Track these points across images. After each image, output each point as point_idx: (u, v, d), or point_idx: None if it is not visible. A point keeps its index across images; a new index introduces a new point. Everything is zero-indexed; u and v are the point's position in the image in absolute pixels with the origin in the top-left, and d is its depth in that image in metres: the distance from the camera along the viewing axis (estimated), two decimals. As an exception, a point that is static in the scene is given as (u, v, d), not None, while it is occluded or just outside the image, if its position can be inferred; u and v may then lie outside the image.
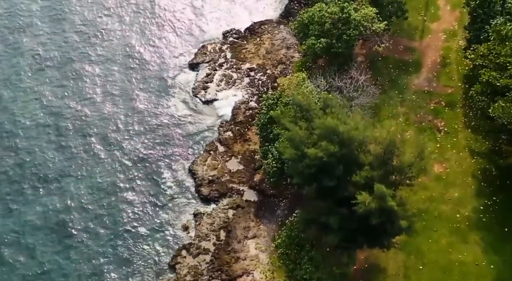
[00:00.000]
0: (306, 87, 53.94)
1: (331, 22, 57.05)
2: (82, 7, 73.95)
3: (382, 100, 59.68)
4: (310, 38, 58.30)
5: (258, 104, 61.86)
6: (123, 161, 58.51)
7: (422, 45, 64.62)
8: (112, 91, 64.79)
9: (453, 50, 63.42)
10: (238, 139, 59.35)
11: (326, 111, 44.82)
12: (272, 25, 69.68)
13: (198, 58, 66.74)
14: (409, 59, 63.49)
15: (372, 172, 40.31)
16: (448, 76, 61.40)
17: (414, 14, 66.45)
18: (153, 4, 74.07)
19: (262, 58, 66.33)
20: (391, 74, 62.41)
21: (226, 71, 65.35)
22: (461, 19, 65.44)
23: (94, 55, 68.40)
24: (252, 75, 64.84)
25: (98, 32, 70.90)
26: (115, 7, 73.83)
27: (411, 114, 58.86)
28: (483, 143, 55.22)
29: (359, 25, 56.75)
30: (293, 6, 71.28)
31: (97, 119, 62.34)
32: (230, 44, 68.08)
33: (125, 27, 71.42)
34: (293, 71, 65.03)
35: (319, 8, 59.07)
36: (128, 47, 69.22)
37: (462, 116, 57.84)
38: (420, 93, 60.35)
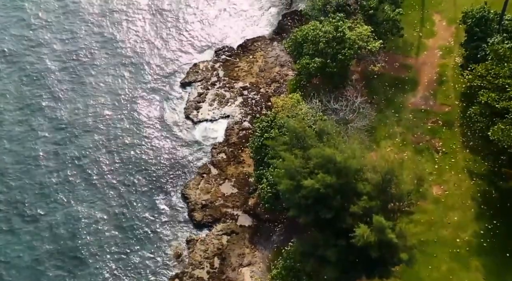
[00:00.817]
0: (300, 109, 52.69)
1: (325, 41, 55.90)
2: (62, 33, 71.63)
3: (379, 120, 58.47)
4: (304, 57, 57.06)
5: (252, 124, 60.50)
6: (113, 185, 56.87)
7: (418, 62, 63.50)
8: (100, 113, 63.03)
9: (449, 67, 62.31)
10: (231, 161, 57.91)
11: (322, 137, 43.63)
12: (265, 42, 68.37)
13: (190, 77, 65.32)
14: (405, 77, 62.37)
15: (371, 202, 39.00)
16: (445, 94, 60.28)
17: (409, 30, 65.34)
18: (143, 23, 72.43)
19: (255, 76, 65.00)
20: (387, 92, 61.24)
21: (219, 90, 63.97)
22: (457, 35, 64.43)
23: (81, 75, 66.73)
24: (245, 94, 63.48)
25: (85, 52, 69.18)
26: (104, 25, 72.11)
27: (408, 134, 57.67)
28: (482, 164, 54.03)
29: (354, 44, 55.57)
30: (286, 22, 70.04)
31: (85, 143, 60.51)
32: (223, 62, 66.71)
33: (115, 45, 69.90)
34: (287, 90, 63.85)
35: (313, 27, 57.87)
36: (117, 66, 67.55)
37: (460, 135, 56.68)
38: (416, 112, 59.19)
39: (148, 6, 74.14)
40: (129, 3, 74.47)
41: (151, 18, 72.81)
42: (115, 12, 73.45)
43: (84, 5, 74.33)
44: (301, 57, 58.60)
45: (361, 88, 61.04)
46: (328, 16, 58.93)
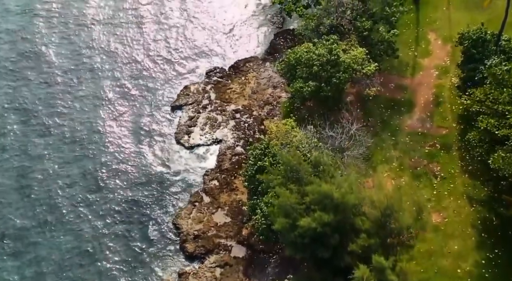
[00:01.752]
0: (295, 136, 51.14)
1: (319, 64, 54.44)
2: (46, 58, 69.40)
3: (375, 144, 56.86)
4: (298, 81, 55.56)
5: (245, 149, 58.85)
6: (101, 215, 54.89)
7: (414, 82, 62.11)
8: (84, 140, 60.95)
9: (446, 88, 60.95)
10: (224, 189, 56.14)
11: (318, 168, 42.10)
12: (257, 63, 66.78)
13: (180, 100, 63.56)
14: (401, 98, 60.94)
15: (370, 240, 37.50)
16: (442, 116, 58.87)
17: (404, 49, 63.93)
18: (132, 42, 70.41)
19: (247, 99, 63.39)
20: (383, 114, 59.77)
21: (211, 114, 62.27)
22: (453, 54, 63.12)
23: (68, 98, 64.91)
24: (238, 117, 61.80)
25: (73, 75, 67.19)
26: (93, 48, 70.18)
27: (405, 158, 56.19)
28: (482, 190, 52.53)
29: (349, 67, 54.16)
30: (279, 42, 68.46)
31: (70, 171, 58.37)
32: (214, 83, 65.06)
33: (102, 67, 67.93)
34: (280, 112, 62.27)
35: (307, 49, 56.39)
36: (104, 89, 65.49)
37: (458, 159, 55.21)
38: (413, 135, 57.72)
39: (136, 27, 72.13)
40: (116, 24, 72.46)
41: (138, 40, 70.72)
42: (103, 35, 71.36)
43: (72, 29, 72.61)
44: (294, 79, 57.13)
45: (356, 111, 59.67)
46: (322, 38, 57.59)
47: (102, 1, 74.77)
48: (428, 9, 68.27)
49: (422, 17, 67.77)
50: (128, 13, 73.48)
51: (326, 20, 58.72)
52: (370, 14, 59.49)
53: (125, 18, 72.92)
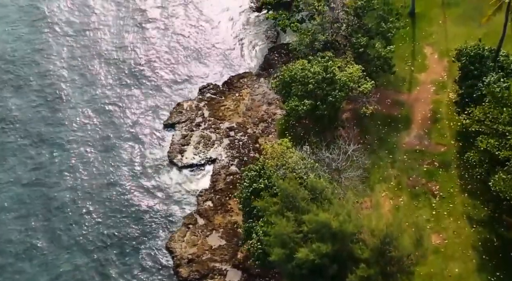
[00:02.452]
0: (290, 157, 49.92)
1: (314, 82, 53.32)
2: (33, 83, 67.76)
3: (372, 162, 55.77)
4: (293, 99, 54.41)
5: (240, 168, 57.60)
6: (91, 241, 53.15)
7: (411, 98, 61.08)
8: (75, 161, 59.31)
9: (443, 103, 59.94)
10: (219, 210, 54.79)
11: (316, 194, 40.89)
12: (251, 78, 65.58)
13: (173, 118, 62.21)
14: (398, 114, 59.87)
15: (369, 270, 36.25)
16: (440, 133, 57.82)
17: (400, 64, 62.95)
18: (123, 59, 68.90)
19: (242, 116, 62.13)
20: (380, 131, 58.63)
21: (204, 132, 60.96)
22: (450, 68, 62.17)
23: (55, 121, 63.16)
24: (232, 135, 60.52)
25: (61, 93, 65.71)
26: (81, 65, 68.82)
27: (403, 176, 55.01)
28: (482, 209, 51.40)
29: (345, 86, 53.06)
30: (273, 57, 67.32)
31: (61, 193, 56.66)
32: (208, 100, 63.76)
33: (92, 82, 66.52)
34: (275, 130, 61.05)
35: (301, 66, 55.26)
36: (94, 108, 63.96)
37: (458, 178, 54.11)
38: (411, 153, 56.62)
39: (128, 44, 70.71)
40: (109, 38, 71.38)
41: (129, 57, 69.22)
42: (93, 51, 69.97)
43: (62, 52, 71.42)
44: (289, 97, 56.03)
45: (352, 128, 58.66)
46: (317, 55, 56.52)
47: (92, 19, 73.60)
48: (424, 22, 67.46)
49: (418, 30, 66.94)
50: (120, 30, 72.09)
51: (321, 36, 57.64)
52: (365, 29, 58.52)
53: (117, 36, 71.49)
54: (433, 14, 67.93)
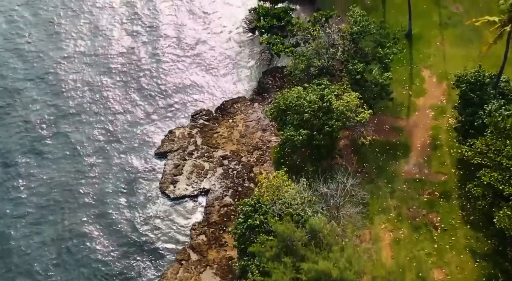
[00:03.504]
0: (287, 191, 48.10)
1: (310, 111, 51.62)
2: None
3: (371, 192, 53.98)
4: (288, 128, 52.66)
5: (234, 199, 55.70)
6: (83, 277, 51.44)
7: (409, 124, 59.43)
8: (64, 192, 57.18)
9: (443, 129, 58.30)
10: (213, 244, 52.78)
11: (315, 237, 39.08)
12: (245, 104, 63.72)
13: (165, 146, 60.21)
14: (397, 141, 58.20)
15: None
16: (440, 160, 56.17)
17: (398, 88, 61.39)
18: (112, 85, 66.57)
19: (236, 143, 60.26)
20: (378, 159, 56.94)
21: (197, 161, 59.00)
22: (449, 92, 60.61)
23: (42, 150, 60.89)
24: (226, 164, 58.59)
25: (47, 119, 63.53)
26: (74, 91, 66.45)
27: (403, 207, 53.28)
28: (485, 242, 49.69)
29: (342, 115, 51.37)
30: (267, 81, 65.45)
31: (45, 232, 54.35)
32: (200, 127, 61.81)
33: (81, 108, 64.28)
34: (270, 158, 59.23)
35: (297, 94, 53.57)
36: (82, 136, 61.73)
37: (459, 209, 52.44)
38: (411, 182, 54.92)
39: (118, 66, 68.52)
40: (96, 63, 69.09)
41: (119, 82, 66.86)
42: (81, 76, 67.68)
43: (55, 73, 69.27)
44: (284, 125, 54.30)
45: (350, 155, 57.06)
46: (313, 82, 54.86)
47: (81, 43, 71.53)
48: (422, 44, 65.92)
49: (416, 52, 65.42)
50: (108, 55, 69.83)
51: (317, 61, 55.95)
52: (362, 54, 56.91)
53: (104, 61, 69.24)
54: (430, 35, 66.43)
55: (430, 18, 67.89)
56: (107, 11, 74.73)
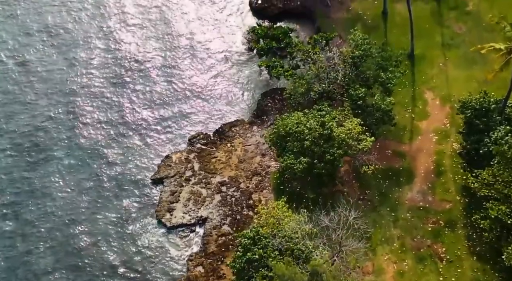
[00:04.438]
0: (287, 223, 46.42)
1: (311, 139, 50.07)
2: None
3: (373, 220, 52.48)
4: (288, 156, 51.05)
5: (232, 228, 54.06)
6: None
7: (412, 148, 57.82)
8: (56, 216, 55.82)
9: (447, 154, 56.68)
10: (210, 276, 51.08)
11: (316, 276, 37.48)
12: (243, 127, 62.10)
13: (161, 172, 58.54)
14: (400, 167, 56.59)
15: None
16: (444, 187, 54.55)
17: (400, 111, 59.80)
18: (109, 106, 64.96)
19: (234, 169, 58.62)
20: (381, 186, 55.33)
21: (194, 187, 57.35)
22: (453, 116, 58.95)
23: (36, 175, 59.26)
24: (224, 191, 56.97)
25: (43, 151, 61.42)
26: (69, 114, 64.76)
27: (407, 237, 51.66)
28: (493, 275, 48.01)
29: (343, 142, 49.79)
30: (267, 103, 63.77)
31: (39, 261, 53.08)
32: (198, 152, 60.19)
33: (76, 134, 62.41)
34: (270, 184, 57.59)
35: (297, 120, 52.02)
36: (78, 160, 60.13)
37: (465, 239, 50.77)
38: (415, 210, 53.28)
39: (113, 89, 66.45)
40: (90, 86, 67.21)
41: (113, 103, 65.08)
42: (75, 99, 65.80)
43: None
44: (284, 151, 52.73)
45: (351, 181, 55.50)
46: (313, 108, 53.33)
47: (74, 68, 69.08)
48: (424, 65, 64.34)
49: (418, 74, 63.81)
50: (106, 76, 67.83)
51: (317, 86, 54.42)
52: (363, 78, 55.44)
53: (102, 79, 67.41)
54: (433, 56, 64.78)
55: (432, 38, 66.44)
56: (94, 39, 72.24)
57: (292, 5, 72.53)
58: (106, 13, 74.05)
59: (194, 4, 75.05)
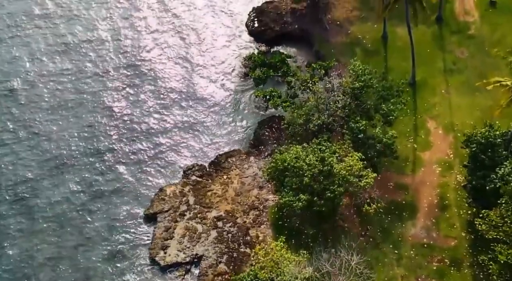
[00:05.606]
0: (286, 266, 44.34)
1: (310, 175, 48.08)
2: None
3: (376, 258, 50.41)
4: (287, 193, 49.03)
5: (229, 267, 51.79)
6: None
7: (415, 181, 55.80)
8: (45, 253, 53.48)
9: (451, 187, 54.71)
10: (206, 319, 49.15)
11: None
12: (240, 158, 59.96)
13: (155, 207, 56.25)
14: (402, 201, 54.55)
15: None
16: (449, 223, 52.54)
17: (402, 141, 57.76)
18: (98, 136, 62.35)
19: (230, 202, 56.45)
20: (383, 221, 53.24)
21: (189, 222, 55.11)
22: (456, 146, 56.96)
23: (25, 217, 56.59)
24: (220, 226, 54.73)
25: (35, 182, 58.91)
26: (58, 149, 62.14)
27: (411, 277, 49.56)
28: (502, 319, 46.34)
29: (344, 179, 47.80)
30: (264, 132, 61.47)
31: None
32: (193, 184, 57.95)
33: (67, 165, 59.99)
34: (268, 219, 55.47)
35: (295, 154, 49.99)
36: (68, 194, 57.69)
37: (472, 279, 48.65)
38: (418, 248, 51.20)
39: (106, 119, 64.10)
40: (83, 113, 64.86)
41: (106, 133, 62.64)
42: (66, 129, 63.46)
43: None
44: (282, 187, 50.67)
45: (352, 216, 53.47)
46: (312, 141, 51.36)
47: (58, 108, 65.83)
48: (426, 92, 62.48)
49: (420, 101, 61.94)
50: (95, 104, 65.61)
51: (316, 119, 52.43)
52: (364, 108, 53.53)
53: (93, 109, 65.07)
54: (435, 82, 63.04)
55: (434, 63, 64.65)
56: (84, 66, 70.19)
57: (289, 28, 70.83)
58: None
59: (189, 28, 73.30)
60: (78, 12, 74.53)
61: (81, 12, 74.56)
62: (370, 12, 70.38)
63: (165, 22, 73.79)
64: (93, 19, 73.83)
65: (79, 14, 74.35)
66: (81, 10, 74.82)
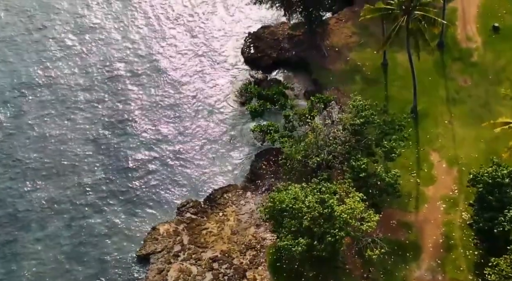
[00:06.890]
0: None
1: (310, 218, 45.86)
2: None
3: (379, 304, 48.44)
4: (286, 236, 46.73)
5: (225, 313, 49.64)
6: None
7: (419, 218, 53.51)
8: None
9: (456, 226, 52.44)
10: None
11: None
12: (237, 193, 57.65)
13: (148, 247, 53.72)
14: (405, 240, 52.24)
15: None
16: (455, 264, 50.18)
17: (404, 175, 55.26)
18: (88, 174, 59.85)
19: (226, 242, 54.05)
20: (386, 262, 50.71)
21: (183, 264, 52.60)
22: (461, 180, 54.82)
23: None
24: (216, 268, 52.23)
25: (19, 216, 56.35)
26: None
27: (418, 326, 47.64)
28: None
29: (345, 224, 45.57)
30: (261, 165, 59.07)
31: None
32: (187, 222, 55.56)
33: (53, 208, 57.49)
34: (265, 260, 52.99)
35: (294, 195, 47.74)
36: (55, 233, 55.19)
37: (480, 327, 46.79)
38: (424, 292, 49.31)
39: (95, 147, 62.08)
40: (73, 146, 62.71)
41: (95, 166, 60.31)
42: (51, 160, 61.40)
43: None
44: (280, 228, 48.38)
45: (353, 256, 51.12)
46: (312, 181, 49.19)
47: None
48: (428, 123, 60.35)
49: (422, 133, 59.75)
50: (88, 132, 63.73)
51: (315, 157, 50.25)
52: (365, 145, 51.41)
53: (80, 139, 63.02)
54: (437, 112, 60.90)
55: (436, 92, 62.60)
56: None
57: (287, 55, 68.83)
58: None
59: (182, 54, 71.26)
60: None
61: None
62: (370, 38, 68.55)
63: (156, 47, 72.03)
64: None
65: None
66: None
